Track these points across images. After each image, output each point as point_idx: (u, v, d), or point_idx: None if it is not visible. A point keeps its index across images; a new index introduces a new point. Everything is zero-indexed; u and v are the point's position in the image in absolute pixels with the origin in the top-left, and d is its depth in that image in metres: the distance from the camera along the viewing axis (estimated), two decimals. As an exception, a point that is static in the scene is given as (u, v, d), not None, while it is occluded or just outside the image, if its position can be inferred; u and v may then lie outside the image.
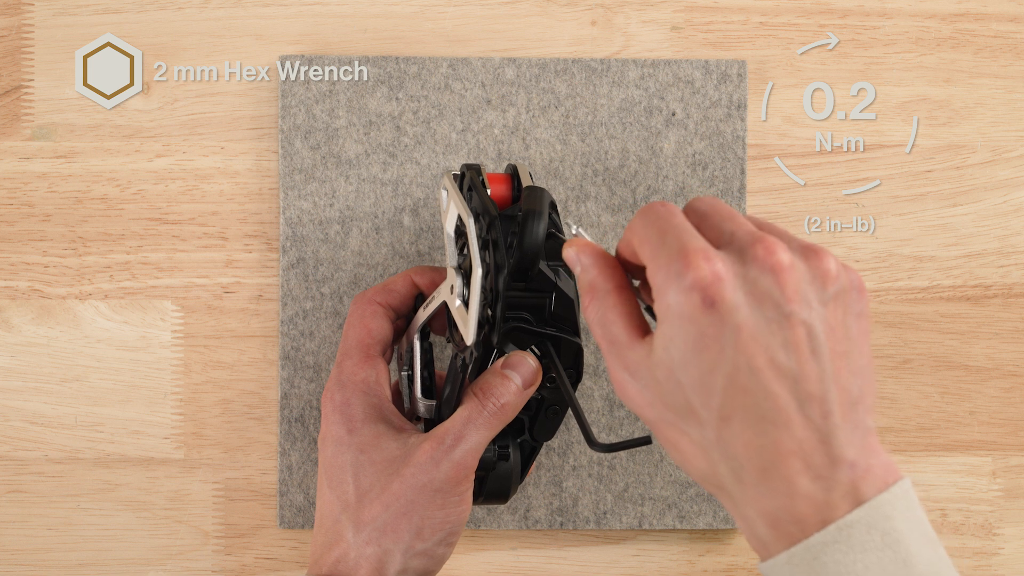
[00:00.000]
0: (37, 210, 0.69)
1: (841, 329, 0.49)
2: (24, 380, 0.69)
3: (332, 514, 0.60)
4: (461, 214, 0.58)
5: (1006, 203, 0.71)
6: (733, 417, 0.48)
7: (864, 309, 0.50)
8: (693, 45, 0.71)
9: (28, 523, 0.69)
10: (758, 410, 0.48)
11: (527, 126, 0.69)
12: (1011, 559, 0.71)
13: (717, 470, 0.49)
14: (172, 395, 0.69)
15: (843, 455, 0.47)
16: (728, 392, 0.48)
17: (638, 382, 0.51)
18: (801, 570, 0.47)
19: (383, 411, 0.61)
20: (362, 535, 0.59)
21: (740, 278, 0.48)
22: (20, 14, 0.70)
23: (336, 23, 0.70)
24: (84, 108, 0.69)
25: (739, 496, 0.49)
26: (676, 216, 0.51)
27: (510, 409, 0.59)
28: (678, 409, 0.50)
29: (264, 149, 0.70)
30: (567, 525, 0.69)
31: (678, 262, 0.49)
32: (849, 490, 0.47)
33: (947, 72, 0.72)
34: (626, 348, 0.52)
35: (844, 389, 0.48)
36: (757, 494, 0.48)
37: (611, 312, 0.53)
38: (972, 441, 0.71)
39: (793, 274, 0.48)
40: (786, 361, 0.48)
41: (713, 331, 0.48)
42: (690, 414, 0.50)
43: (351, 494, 0.60)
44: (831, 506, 0.47)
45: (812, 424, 0.47)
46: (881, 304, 0.71)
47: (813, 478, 0.47)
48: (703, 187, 0.69)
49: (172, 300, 0.70)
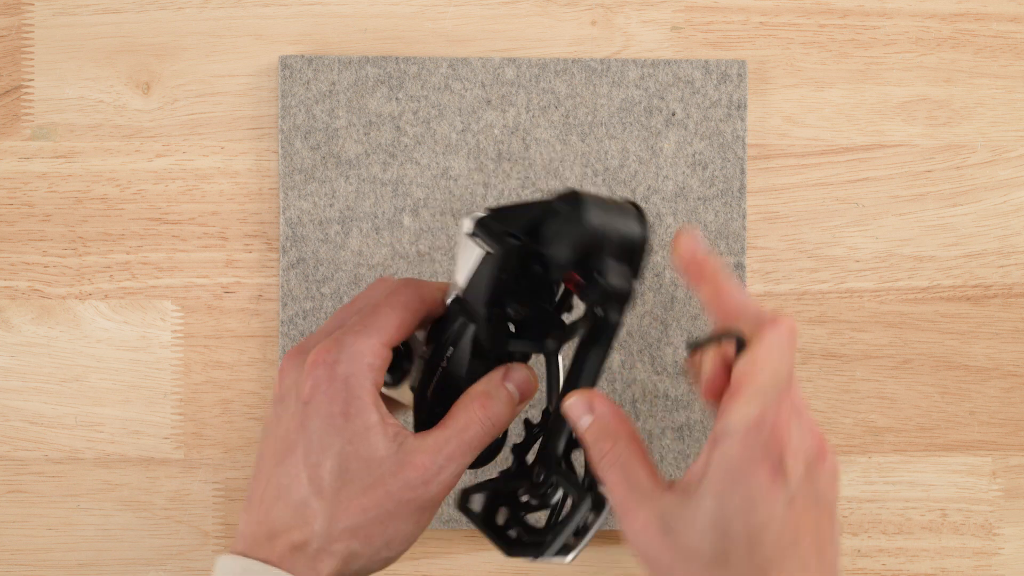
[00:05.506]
0: (37, 210, 0.69)
1: (836, 514, 0.58)
2: (24, 380, 0.69)
3: (300, 493, 0.56)
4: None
5: (1006, 203, 0.71)
6: (770, 569, 0.54)
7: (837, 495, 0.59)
8: (693, 45, 0.71)
9: (28, 523, 0.69)
10: (793, 570, 0.54)
11: (527, 126, 0.69)
12: (1011, 559, 0.71)
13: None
14: (172, 395, 0.69)
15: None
16: (773, 548, 0.54)
17: (662, 527, 0.55)
18: None
19: (378, 400, 0.57)
20: (334, 530, 0.56)
21: (803, 459, 0.55)
22: (20, 14, 0.70)
23: (336, 23, 0.70)
24: (84, 108, 0.69)
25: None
26: (789, 363, 0.55)
27: (504, 427, 0.59)
28: (711, 558, 0.54)
29: (264, 149, 0.70)
30: (567, 525, 0.69)
31: (768, 430, 0.54)
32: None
33: (947, 72, 0.72)
34: (654, 496, 0.55)
35: (837, 552, 0.57)
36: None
37: (633, 458, 0.56)
38: (972, 441, 0.71)
39: (826, 466, 0.56)
40: (817, 536, 0.55)
41: (775, 495, 0.54)
42: (723, 564, 0.54)
43: (328, 482, 0.56)
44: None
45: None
46: (881, 304, 0.71)
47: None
48: (703, 187, 0.69)
49: (172, 300, 0.70)
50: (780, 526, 0.54)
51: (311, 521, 0.56)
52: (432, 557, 0.70)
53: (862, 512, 0.71)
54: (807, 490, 0.55)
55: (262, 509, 0.57)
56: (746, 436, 0.54)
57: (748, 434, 0.54)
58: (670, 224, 0.69)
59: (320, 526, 0.56)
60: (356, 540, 0.57)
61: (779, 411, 0.54)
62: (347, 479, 0.56)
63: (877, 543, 0.71)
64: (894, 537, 0.71)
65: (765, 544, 0.54)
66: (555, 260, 0.55)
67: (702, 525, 0.54)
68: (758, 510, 0.53)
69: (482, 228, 0.57)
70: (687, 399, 0.70)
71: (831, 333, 0.71)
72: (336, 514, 0.56)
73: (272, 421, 0.58)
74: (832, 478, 0.56)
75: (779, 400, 0.54)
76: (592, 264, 0.55)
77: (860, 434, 0.71)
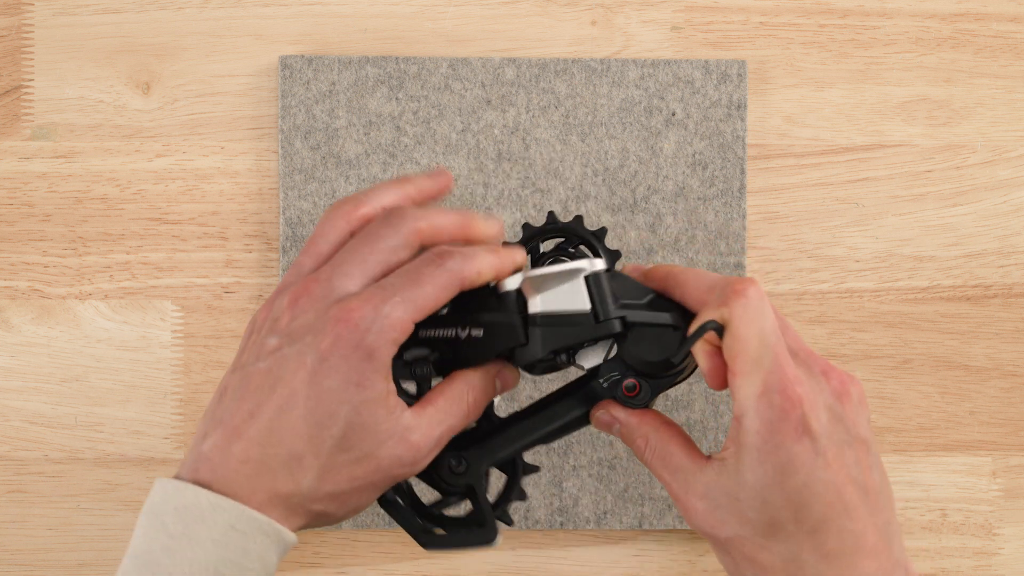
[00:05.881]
0: (37, 210, 0.69)
1: (874, 441, 0.57)
2: (24, 380, 0.69)
3: (297, 447, 0.55)
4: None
5: (1006, 203, 0.71)
6: (822, 530, 0.55)
7: (869, 418, 0.59)
8: (693, 45, 0.71)
9: (28, 523, 0.69)
10: (842, 521, 0.55)
11: (527, 126, 0.69)
12: (1011, 559, 0.71)
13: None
14: (172, 395, 0.69)
15: (899, 559, 0.56)
16: (819, 507, 0.55)
17: (710, 503, 0.57)
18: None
19: (389, 373, 0.56)
20: (319, 492, 0.56)
21: (822, 407, 0.56)
22: (20, 14, 0.70)
23: (336, 23, 0.70)
24: (84, 108, 0.69)
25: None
26: (770, 321, 0.56)
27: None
28: (762, 526, 0.56)
29: (264, 149, 0.70)
30: (567, 525, 0.69)
31: (777, 394, 0.55)
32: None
33: (947, 72, 0.72)
34: (693, 474, 0.57)
35: (889, 497, 0.57)
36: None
37: (669, 445, 0.58)
38: (972, 441, 0.71)
39: (852, 400, 0.57)
40: (859, 476, 0.56)
41: (805, 456, 0.55)
42: (775, 530, 0.55)
43: (328, 446, 0.55)
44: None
45: (879, 531, 0.55)
46: (881, 304, 0.71)
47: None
48: (703, 187, 0.69)
49: (172, 300, 0.70)
50: (820, 485, 0.55)
51: (300, 478, 0.55)
52: (432, 557, 0.70)
53: (862, 512, 0.71)
54: (837, 435, 0.56)
55: (248, 448, 0.55)
56: (758, 408, 0.55)
57: (760, 405, 0.55)
58: (670, 224, 0.69)
59: (308, 484, 0.55)
60: (334, 503, 0.56)
61: (782, 371, 0.55)
62: (345, 446, 0.56)
63: (877, 543, 0.71)
64: (894, 537, 0.71)
65: (810, 506, 0.55)
66: (632, 364, 0.59)
67: (746, 498, 0.55)
68: (794, 475, 0.54)
69: (598, 286, 0.58)
70: (687, 399, 0.70)
71: (831, 333, 0.71)
72: (325, 476, 0.56)
73: (271, 354, 0.56)
74: (858, 409, 0.57)
75: (776, 361, 0.55)
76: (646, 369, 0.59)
77: (860, 434, 0.71)
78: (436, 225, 0.57)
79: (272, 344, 0.56)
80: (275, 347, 0.56)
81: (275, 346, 0.56)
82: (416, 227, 0.56)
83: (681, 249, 0.69)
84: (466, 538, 0.60)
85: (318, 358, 0.55)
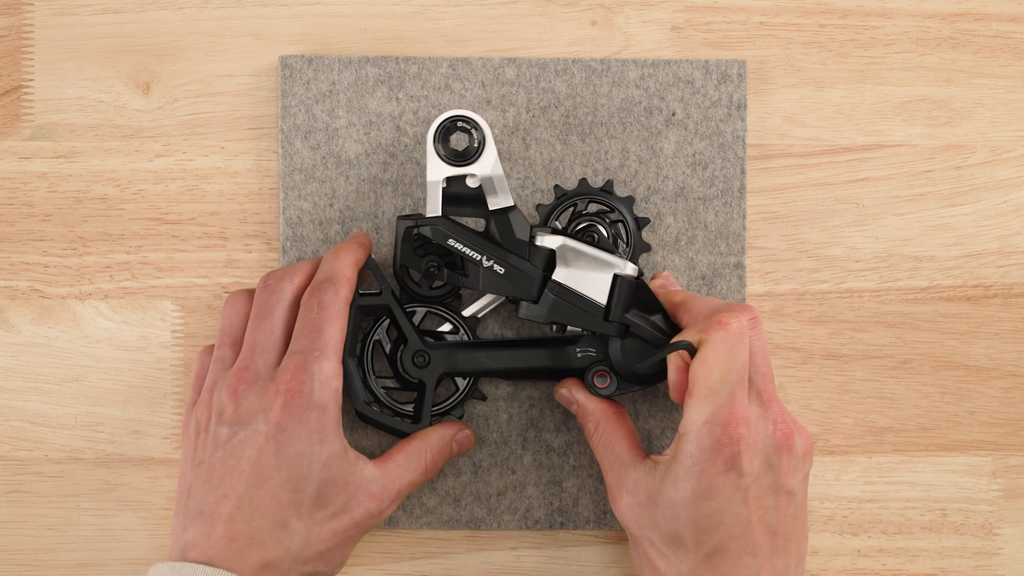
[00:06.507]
0: (37, 210, 0.69)
1: (803, 495, 0.61)
2: (24, 380, 0.69)
3: (279, 514, 0.59)
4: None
5: (1006, 203, 0.71)
6: (718, 556, 0.59)
7: (809, 472, 0.62)
8: (693, 45, 0.71)
9: (28, 523, 0.69)
10: (741, 554, 0.59)
11: (527, 126, 0.69)
12: (1011, 559, 0.71)
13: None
14: (172, 395, 0.69)
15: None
16: (722, 536, 0.59)
17: (634, 499, 0.61)
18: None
19: (340, 428, 0.61)
20: (307, 553, 0.59)
21: (759, 451, 0.59)
22: (20, 14, 0.70)
23: (336, 23, 0.70)
24: (84, 108, 0.69)
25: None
26: (740, 359, 0.59)
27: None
28: (666, 536, 0.60)
29: (264, 149, 0.70)
30: (567, 525, 0.69)
31: (720, 427, 0.59)
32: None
33: (947, 72, 0.72)
34: (629, 467, 0.62)
35: (800, 548, 0.61)
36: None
37: (614, 434, 0.63)
38: (972, 441, 0.71)
39: (792, 452, 0.60)
40: (772, 520, 0.59)
41: (725, 488, 0.59)
42: (677, 543, 0.60)
43: (307, 506, 0.59)
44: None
45: (776, 573, 0.59)
46: (881, 304, 0.71)
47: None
48: (703, 187, 0.69)
49: (172, 300, 0.70)
50: (731, 516, 0.58)
51: (288, 543, 0.58)
52: (432, 557, 0.70)
53: (862, 512, 0.71)
54: (765, 480, 0.59)
55: (231, 526, 0.58)
56: (699, 435, 0.59)
57: (700, 433, 0.59)
58: (670, 224, 0.69)
59: (296, 547, 0.59)
60: (322, 561, 0.60)
61: (732, 408, 0.59)
62: (322, 503, 0.60)
63: (877, 543, 0.71)
64: (894, 537, 0.71)
65: (714, 531, 0.59)
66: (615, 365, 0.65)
67: (662, 505, 0.60)
68: (709, 500, 0.58)
69: (621, 289, 0.64)
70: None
71: (831, 333, 0.71)
72: (311, 536, 0.59)
73: (227, 442, 0.60)
74: (796, 462, 0.60)
75: (731, 398, 0.59)
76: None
77: (860, 434, 0.71)
78: (310, 273, 0.63)
79: (225, 433, 0.60)
80: (229, 435, 0.60)
81: (228, 434, 0.60)
82: (295, 284, 0.63)
83: (681, 249, 0.69)
84: (396, 424, 0.65)
85: (275, 430, 0.59)
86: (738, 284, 0.69)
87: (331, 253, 0.63)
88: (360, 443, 0.68)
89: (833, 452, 0.71)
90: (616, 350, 0.64)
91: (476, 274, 0.64)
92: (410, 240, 0.64)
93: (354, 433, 0.68)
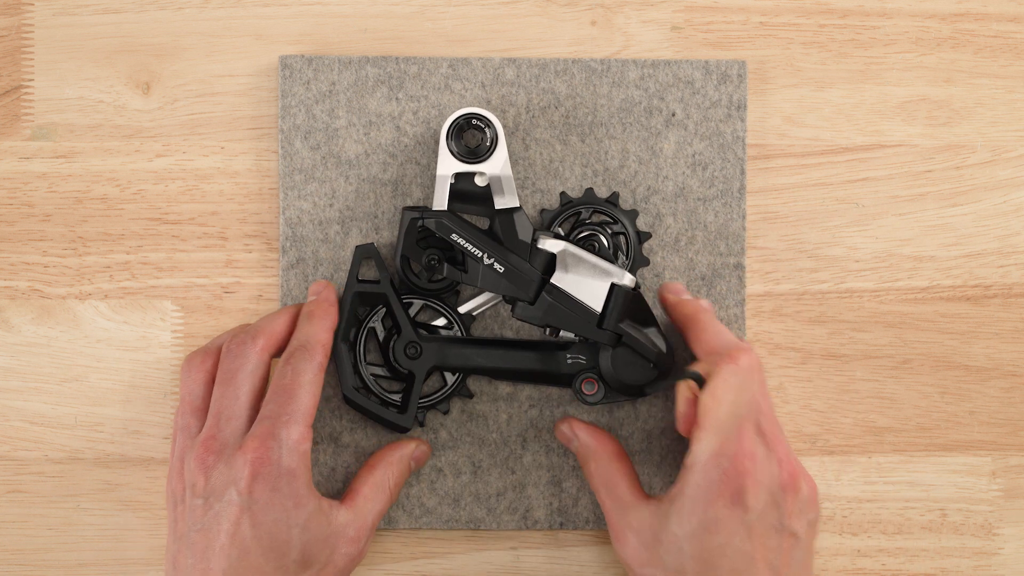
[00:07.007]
0: (37, 210, 0.69)
1: (808, 541, 0.61)
2: (24, 380, 0.69)
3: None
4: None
5: (1006, 203, 0.71)
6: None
7: (816, 520, 0.62)
8: (693, 45, 0.71)
9: (28, 523, 0.69)
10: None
11: (527, 126, 0.69)
12: (1011, 559, 0.71)
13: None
14: (172, 395, 0.69)
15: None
16: (725, 571, 0.58)
17: (639, 540, 0.61)
18: None
19: (312, 486, 0.61)
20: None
21: (765, 488, 0.59)
22: (20, 14, 0.70)
23: (336, 23, 0.70)
24: (84, 108, 0.69)
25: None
26: (749, 395, 0.60)
27: None
28: (670, 571, 0.59)
29: (264, 149, 0.70)
30: (567, 525, 0.69)
31: (728, 459, 0.59)
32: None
33: (947, 72, 0.72)
34: (631, 508, 0.62)
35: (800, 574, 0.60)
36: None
37: (615, 475, 0.63)
38: (972, 441, 0.71)
39: (798, 495, 0.60)
40: (775, 560, 0.59)
41: (731, 523, 0.58)
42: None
43: (292, 570, 0.60)
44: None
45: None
46: (881, 304, 0.71)
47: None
48: (703, 187, 0.69)
49: (172, 300, 0.70)
50: (735, 551, 0.58)
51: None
52: (432, 557, 0.70)
53: (862, 512, 0.71)
54: (769, 518, 0.59)
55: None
56: (706, 467, 0.59)
57: (707, 465, 0.59)
58: (670, 224, 0.69)
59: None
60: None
61: (740, 442, 0.59)
62: (307, 563, 0.60)
63: (877, 543, 0.71)
64: (894, 537, 0.71)
65: (718, 567, 0.58)
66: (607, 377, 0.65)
67: (666, 541, 0.59)
68: (715, 535, 0.58)
69: (617, 299, 0.64)
70: (687, 399, 0.70)
71: (831, 333, 0.71)
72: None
73: (204, 516, 0.60)
74: (802, 505, 0.60)
75: (739, 432, 0.59)
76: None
77: (860, 434, 0.71)
78: (273, 333, 0.63)
79: (199, 506, 0.60)
80: (204, 508, 0.60)
81: (203, 508, 0.60)
82: (257, 348, 0.63)
83: (681, 249, 0.69)
84: (383, 413, 0.66)
85: (248, 500, 0.59)
86: (738, 284, 0.69)
87: (305, 317, 0.64)
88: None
89: (833, 452, 0.71)
90: (606, 359, 0.64)
91: (476, 271, 0.64)
92: (414, 232, 0.65)
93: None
